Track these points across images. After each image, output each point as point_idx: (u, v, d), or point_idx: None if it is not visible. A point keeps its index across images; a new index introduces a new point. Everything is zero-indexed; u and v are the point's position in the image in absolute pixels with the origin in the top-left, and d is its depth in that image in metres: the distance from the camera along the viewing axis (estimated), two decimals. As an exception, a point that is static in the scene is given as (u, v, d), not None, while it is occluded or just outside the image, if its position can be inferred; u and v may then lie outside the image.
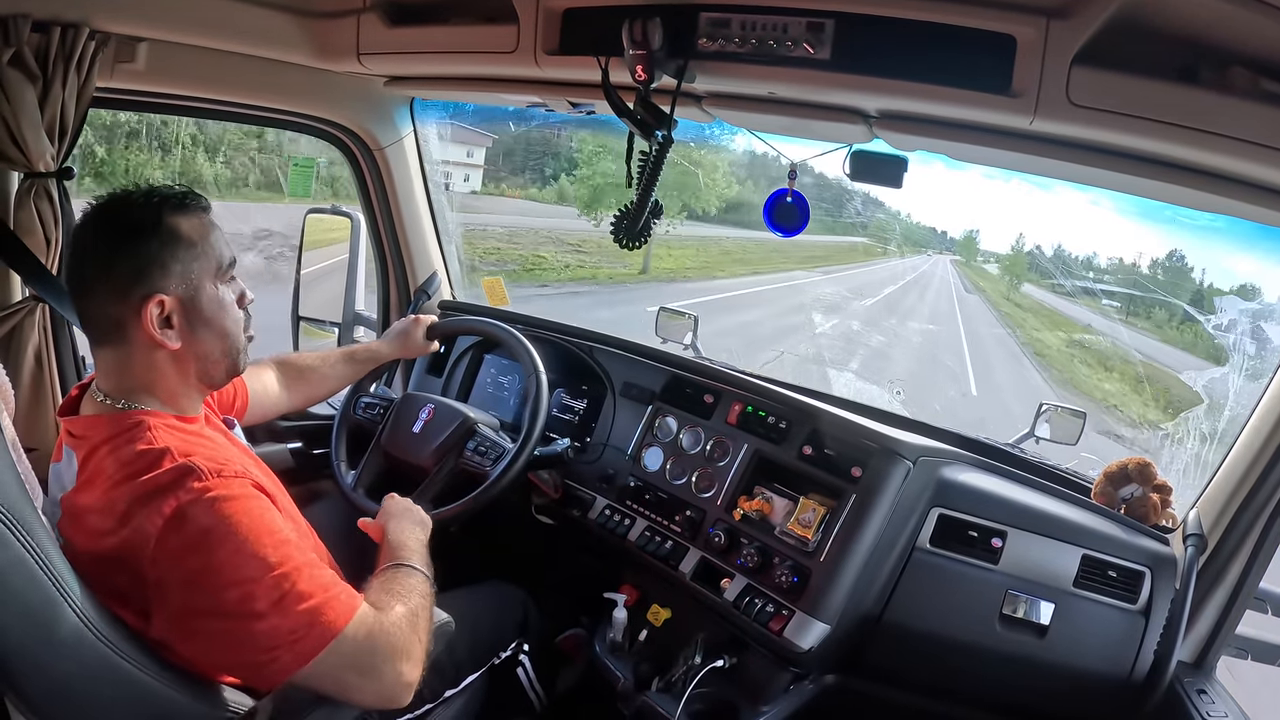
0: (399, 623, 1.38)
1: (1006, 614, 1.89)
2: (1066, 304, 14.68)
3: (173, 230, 1.38)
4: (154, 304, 1.35)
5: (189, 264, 1.39)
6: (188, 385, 1.44)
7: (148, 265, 1.35)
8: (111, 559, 1.26)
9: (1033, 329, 14.46)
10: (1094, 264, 13.27)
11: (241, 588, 1.24)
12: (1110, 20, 1.30)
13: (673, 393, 2.39)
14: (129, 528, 1.25)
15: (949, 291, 17.85)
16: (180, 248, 1.38)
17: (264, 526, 1.29)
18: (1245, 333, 2.37)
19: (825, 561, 1.93)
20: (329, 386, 2.24)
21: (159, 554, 1.23)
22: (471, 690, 1.94)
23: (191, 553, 1.23)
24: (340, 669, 1.30)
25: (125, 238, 1.36)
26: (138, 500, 1.25)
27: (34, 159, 1.94)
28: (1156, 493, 2.02)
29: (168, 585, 1.24)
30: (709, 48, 1.63)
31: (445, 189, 2.94)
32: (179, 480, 1.26)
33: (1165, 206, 1.76)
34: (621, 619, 2.24)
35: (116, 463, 1.30)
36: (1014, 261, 16.58)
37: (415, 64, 2.22)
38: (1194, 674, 1.85)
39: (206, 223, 1.44)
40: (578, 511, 2.36)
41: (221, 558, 1.24)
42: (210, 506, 1.25)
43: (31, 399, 2.06)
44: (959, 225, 21.08)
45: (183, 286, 1.38)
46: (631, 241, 1.86)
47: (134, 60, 2.11)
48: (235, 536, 1.25)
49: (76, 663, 1.18)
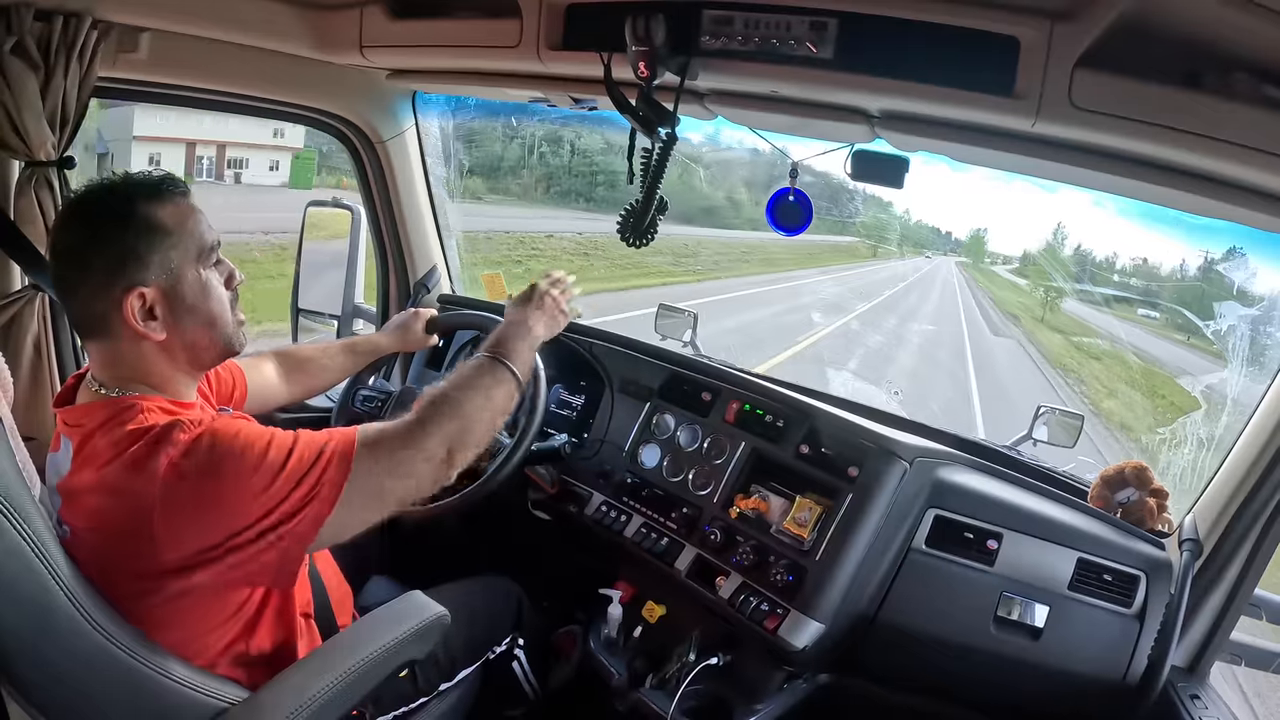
0: (426, 411, 1.48)
1: (1001, 616, 1.89)
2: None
3: (147, 219, 1.36)
4: (134, 297, 1.33)
5: (167, 253, 1.37)
6: (178, 371, 1.43)
7: (124, 257, 1.34)
8: (115, 532, 1.27)
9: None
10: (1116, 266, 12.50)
11: (259, 499, 1.28)
12: (1114, 24, 1.29)
13: (671, 390, 2.39)
14: (128, 496, 1.25)
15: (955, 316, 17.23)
16: (157, 237, 1.36)
17: (254, 435, 1.32)
18: (1244, 338, 2.37)
19: (821, 561, 1.94)
20: (328, 378, 2.24)
21: (166, 505, 1.24)
22: (466, 684, 1.94)
23: (200, 486, 1.26)
24: (373, 476, 1.37)
25: (99, 231, 1.34)
26: (132, 468, 1.26)
27: (35, 148, 1.94)
28: (1153, 497, 2.03)
29: (184, 531, 1.25)
30: (712, 45, 1.63)
31: (236, 180, 2.97)
32: (165, 435, 1.27)
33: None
34: (616, 615, 2.25)
35: (109, 443, 1.30)
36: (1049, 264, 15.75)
37: (418, 57, 2.22)
38: (1188, 679, 1.85)
39: (184, 208, 1.42)
40: (574, 507, 2.36)
41: (229, 483, 1.27)
42: (201, 443, 1.27)
43: (30, 388, 2.06)
44: (962, 224, 20.99)
45: (163, 276, 1.36)
46: (638, 239, 1.85)
47: (136, 50, 2.12)
48: (234, 457, 1.28)
49: (71, 651, 1.18)
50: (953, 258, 26.09)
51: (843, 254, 23.78)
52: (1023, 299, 19.33)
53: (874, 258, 24.59)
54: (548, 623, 2.33)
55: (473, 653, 1.98)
